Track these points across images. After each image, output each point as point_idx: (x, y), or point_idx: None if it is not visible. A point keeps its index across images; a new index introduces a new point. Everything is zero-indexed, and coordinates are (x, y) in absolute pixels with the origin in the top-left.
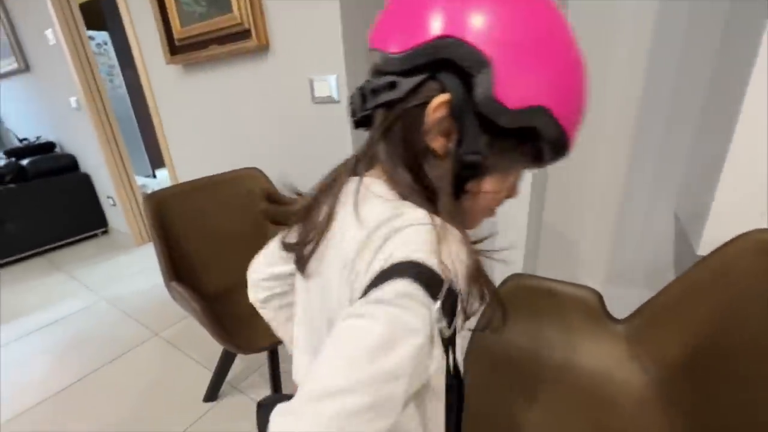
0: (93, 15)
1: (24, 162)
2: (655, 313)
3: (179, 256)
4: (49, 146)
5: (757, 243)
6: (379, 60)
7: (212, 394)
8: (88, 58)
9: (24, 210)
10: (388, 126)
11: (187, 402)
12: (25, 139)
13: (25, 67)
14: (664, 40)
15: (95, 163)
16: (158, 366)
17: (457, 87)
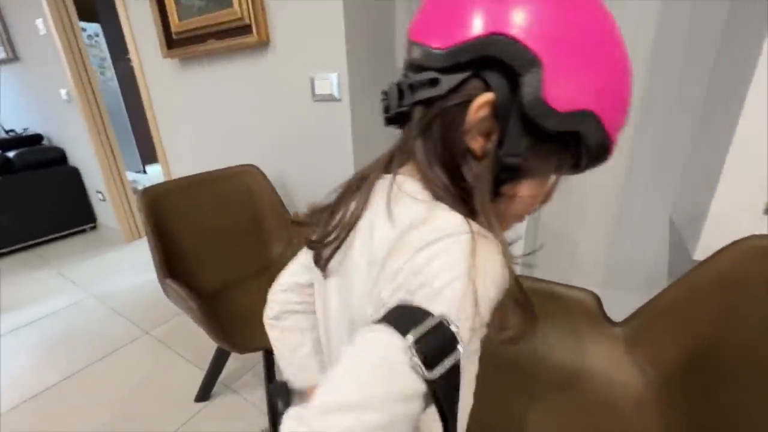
0: (84, 6)
1: (10, 154)
2: (652, 316)
3: (174, 252)
4: (37, 138)
5: (753, 249)
6: (418, 54)
7: (204, 394)
8: (80, 50)
9: (9, 203)
10: (427, 124)
11: (179, 402)
12: (12, 131)
13: (13, 56)
14: (663, 45)
15: (85, 156)
16: (149, 365)
17: (502, 86)
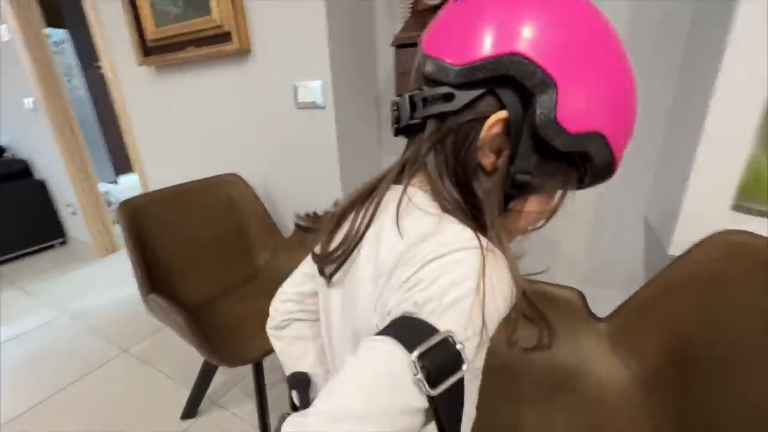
0: (50, 11)
1: None
2: (632, 312)
3: (156, 266)
4: None
5: (725, 245)
6: (431, 68)
7: (191, 411)
8: (47, 57)
9: None
10: (440, 138)
11: (165, 420)
12: None
13: None
14: (634, 44)
15: (53, 168)
16: (130, 383)
17: (515, 105)
